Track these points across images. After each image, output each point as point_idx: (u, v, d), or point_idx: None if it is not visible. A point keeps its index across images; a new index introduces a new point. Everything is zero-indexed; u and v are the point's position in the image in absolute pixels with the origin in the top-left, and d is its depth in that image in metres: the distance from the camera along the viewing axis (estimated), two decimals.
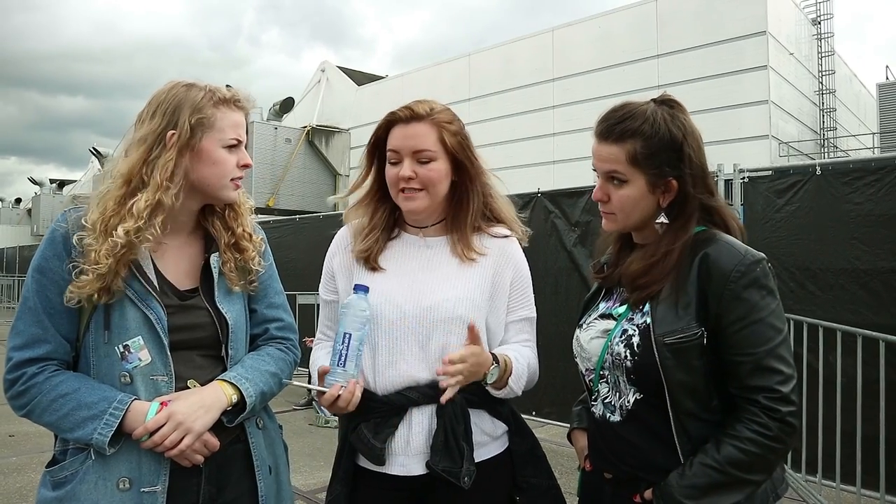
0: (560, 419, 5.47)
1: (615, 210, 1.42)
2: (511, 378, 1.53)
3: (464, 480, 1.44)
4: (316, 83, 25.32)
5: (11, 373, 1.34)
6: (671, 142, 1.37)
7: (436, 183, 1.55)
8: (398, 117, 1.55)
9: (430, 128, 1.54)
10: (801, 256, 4.37)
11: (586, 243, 5.56)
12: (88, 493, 1.32)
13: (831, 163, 4.53)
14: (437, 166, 1.54)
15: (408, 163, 1.53)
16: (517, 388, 1.55)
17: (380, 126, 1.59)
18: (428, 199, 1.55)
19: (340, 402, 1.42)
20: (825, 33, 17.59)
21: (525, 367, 1.57)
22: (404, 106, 1.56)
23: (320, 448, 5.22)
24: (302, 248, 8.30)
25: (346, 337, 1.41)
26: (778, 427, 1.25)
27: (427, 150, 1.53)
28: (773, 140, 14.60)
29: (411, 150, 1.53)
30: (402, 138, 1.54)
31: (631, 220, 1.43)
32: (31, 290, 1.37)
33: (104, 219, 1.35)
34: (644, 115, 1.39)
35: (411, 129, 1.54)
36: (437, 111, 1.56)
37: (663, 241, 1.39)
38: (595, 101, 15.74)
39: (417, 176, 1.53)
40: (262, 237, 1.64)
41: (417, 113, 1.54)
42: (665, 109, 1.40)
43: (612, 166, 1.39)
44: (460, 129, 1.59)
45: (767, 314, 1.29)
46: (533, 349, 1.66)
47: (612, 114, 1.42)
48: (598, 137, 1.43)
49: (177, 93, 1.44)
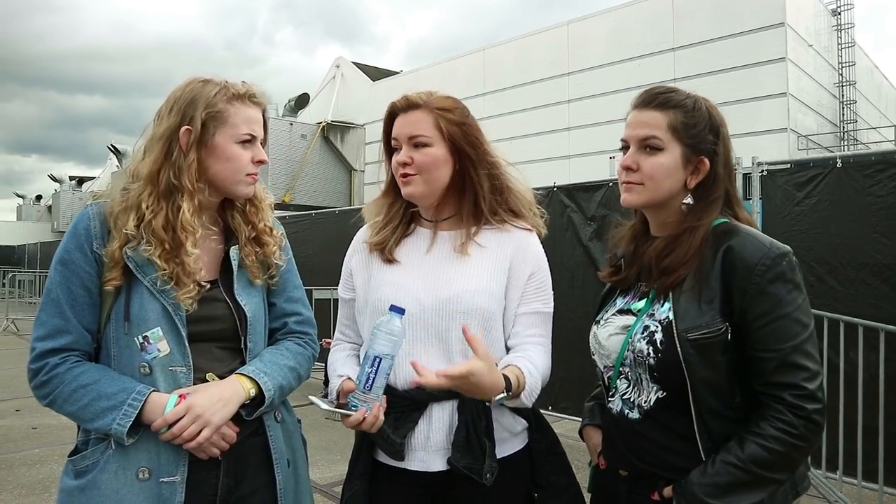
0: (576, 414, 5.43)
1: (644, 179, 1.38)
2: (524, 394, 1.46)
3: (486, 477, 1.43)
4: (331, 79, 25.40)
5: (35, 363, 1.36)
6: (710, 121, 1.39)
7: (430, 168, 1.55)
8: (396, 107, 1.60)
9: (426, 114, 1.56)
10: (820, 250, 4.31)
11: (602, 237, 5.53)
12: (109, 482, 1.34)
13: (852, 155, 4.47)
14: (432, 151, 1.55)
15: (404, 148, 1.56)
16: (528, 402, 1.50)
17: (384, 120, 1.63)
18: (423, 185, 1.56)
19: (364, 425, 1.41)
20: (845, 24, 17.32)
21: (538, 379, 1.51)
22: (402, 96, 1.60)
23: (336, 442, 5.25)
24: (318, 244, 8.35)
25: (377, 361, 1.37)
26: (803, 425, 1.23)
27: (421, 135, 1.55)
28: (792, 133, 14.42)
29: (407, 136, 1.56)
30: (401, 126, 1.58)
31: (659, 193, 1.39)
32: (55, 282, 1.39)
33: (163, 238, 1.38)
34: (686, 93, 1.41)
35: (408, 116, 1.57)
36: (434, 98, 1.57)
37: (687, 220, 1.38)
38: (610, 95, 15.65)
39: (413, 161, 1.54)
40: (282, 232, 1.65)
41: (413, 101, 1.57)
42: (703, 98, 1.42)
43: (650, 131, 1.37)
44: (463, 119, 1.58)
45: (794, 309, 1.26)
46: (546, 348, 1.60)
47: (653, 89, 1.42)
48: (637, 107, 1.42)
49: (192, 88, 1.46)
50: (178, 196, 1.42)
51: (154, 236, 1.39)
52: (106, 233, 1.41)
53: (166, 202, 1.41)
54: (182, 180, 1.42)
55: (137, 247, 1.38)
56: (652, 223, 1.48)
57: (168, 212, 1.41)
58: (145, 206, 1.40)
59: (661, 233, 1.44)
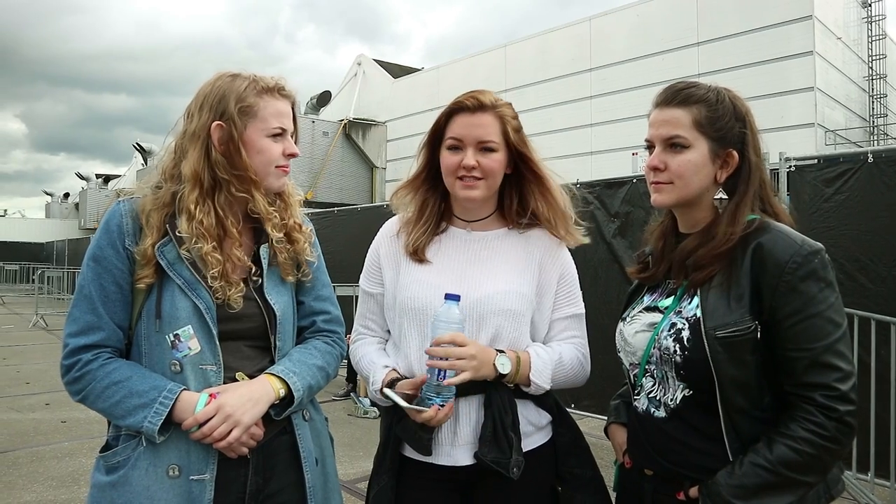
0: (599, 412, 5.41)
1: (673, 178, 1.37)
2: (532, 373, 1.50)
3: (513, 472, 1.43)
4: (352, 76, 25.50)
5: (67, 359, 1.38)
6: (735, 111, 1.37)
7: (496, 174, 1.56)
8: (464, 106, 1.55)
9: (494, 119, 1.55)
10: (850, 247, 4.23)
11: (626, 234, 5.48)
12: (140, 478, 1.35)
13: (884, 150, 4.37)
14: (499, 157, 1.55)
15: (471, 151, 1.53)
16: (543, 382, 1.52)
17: (443, 113, 1.59)
18: (486, 189, 1.56)
19: (434, 422, 1.42)
20: (876, 15, 16.95)
21: (551, 361, 1.54)
22: (469, 94, 1.56)
23: (359, 438, 5.28)
24: (340, 241, 8.40)
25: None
26: (835, 427, 1.20)
27: (492, 140, 1.54)
28: (819, 128, 14.16)
29: (476, 140, 1.53)
30: (468, 126, 1.54)
31: (689, 190, 1.37)
32: (87, 278, 1.40)
33: (214, 234, 1.41)
34: (708, 87, 1.39)
35: (477, 118, 1.54)
36: (501, 104, 1.57)
37: (723, 218, 1.35)
38: (633, 90, 15.51)
39: (480, 165, 1.53)
40: (310, 228, 1.65)
41: (483, 103, 1.54)
42: (725, 89, 1.40)
43: (674, 130, 1.36)
44: (520, 125, 1.60)
45: (826, 308, 1.24)
46: (578, 345, 1.64)
47: (674, 86, 1.40)
48: (659, 105, 1.40)
49: (221, 84, 1.46)
50: (231, 190, 1.43)
51: (207, 233, 1.40)
52: (138, 230, 1.42)
53: (214, 199, 1.43)
54: (237, 175, 1.43)
55: (191, 246, 1.39)
56: (681, 220, 1.46)
57: (218, 208, 1.42)
58: (192, 205, 1.40)
59: (691, 229, 1.43)
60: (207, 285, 1.41)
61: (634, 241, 5.33)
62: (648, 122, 1.42)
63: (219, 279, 1.40)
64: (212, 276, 1.40)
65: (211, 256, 1.39)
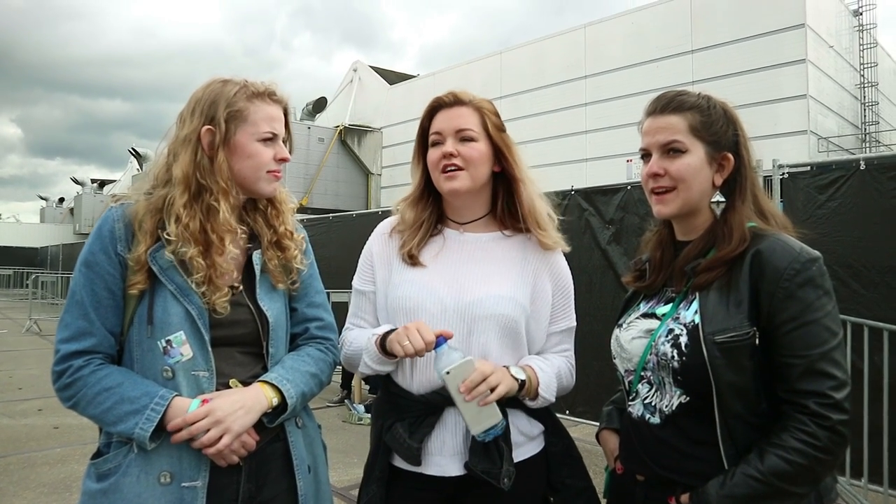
0: (594, 418, 5.41)
1: (675, 182, 1.38)
2: (541, 387, 1.52)
3: (503, 482, 1.42)
4: (348, 83, 25.52)
5: (59, 364, 1.37)
6: (726, 116, 1.39)
7: (476, 163, 1.55)
8: (442, 102, 1.59)
9: (473, 111, 1.58)
10: (843, 253, 4.25)
11: (621, 241, 5.49)
12: (131, 486, 1.34)
13: (876, 157, 4.40)
14: (479, 146, 1.56)
15: (450, 141, 1.56)
16: (549, 396, 1.55)
17: (424, 113, 1.62)
18: (469, 180, 1.55)
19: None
20: (867, 24, 17.09)
21: (554, 375, 1.57)
22: (447, 92, 1.60)
23: (353, 445, 5.26)
24: (335, 247, 8.38)
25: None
26: (827, 437, 1.19)
27: (469, 129, 1.56)
28: (812, 135, 14.25)
29: (454, 129, 1.56)
30: (446, 119, 1.57)
31: (691, 194, 1.38)
32: (79, 283, 1.40)
33: (199, 240, 1.40)
34: (696, 93, 1.42)
35: (455, 111, 1.57)
36: (480, 99, 1.60)
37: (731, 220, 1.36)
38: (628, 97, 15.57)
39: (459, 154, 1.54)
40: (303, 235, 1.65)
41: (460, 98, 1.59)
42: (713, 96, 1.43)
43: (670, 136, 1.37)
44: (503, 124, 1.62)
45: (822, 315, 1.24)
46: (569, 357, 1.67)
47: (664, 95, 1.43)
48: (653, 114, 1.41)
49: (213, 89, 1.46)
50: (207, 196, 1.43)
51: (192, 238, 1.39)
52: (130, 236, 1.41)
53: (198, 204, 1.42)
54: (214, 180, 1.43)
55: (177, 249, 1.39)
56: (679, 228, 1.47)
57: (201, 213, 1.42)
58: (181, 209, 1.40)
59: (689, 237, 1.44)
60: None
61: (629, 248, 5.35)
62: (641, 131, 1.43)
63: (204, 284, 1.40)
64: (197, 282, 1.39)
65: (196, 261, 1.39)
